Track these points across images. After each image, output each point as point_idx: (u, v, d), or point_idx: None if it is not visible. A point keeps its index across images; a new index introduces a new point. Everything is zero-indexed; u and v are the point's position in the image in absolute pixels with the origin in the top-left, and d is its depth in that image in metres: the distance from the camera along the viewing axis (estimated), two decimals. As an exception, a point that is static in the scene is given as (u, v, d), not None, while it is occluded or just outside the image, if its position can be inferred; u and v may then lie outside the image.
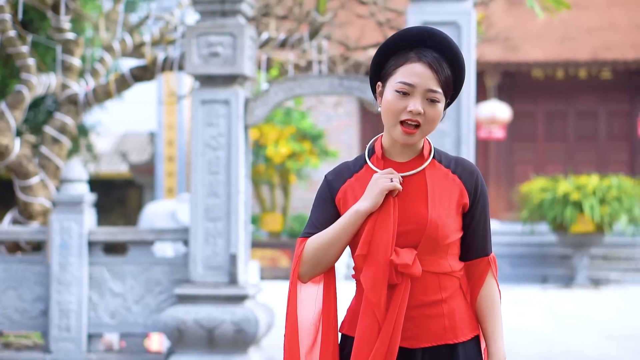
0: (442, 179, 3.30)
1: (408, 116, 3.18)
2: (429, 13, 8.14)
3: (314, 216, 3.34)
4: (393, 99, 3.20)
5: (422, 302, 3.23)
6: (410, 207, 3.23)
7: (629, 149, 21.49)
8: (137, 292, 8.75)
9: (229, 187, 8.48)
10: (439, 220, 3.22)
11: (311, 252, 3.27)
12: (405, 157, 3.30)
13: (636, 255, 19.12)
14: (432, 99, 3.19)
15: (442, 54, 3.22)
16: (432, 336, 3.25)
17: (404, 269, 3.18)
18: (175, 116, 20.48)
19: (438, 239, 3.23)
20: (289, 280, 3.35)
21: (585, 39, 20.56)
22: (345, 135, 21.09)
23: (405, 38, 3.25)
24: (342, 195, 3.31)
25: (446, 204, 3.26)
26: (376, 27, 11.81)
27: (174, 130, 20.55)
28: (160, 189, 20.67)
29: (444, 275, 3.27)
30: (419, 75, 3.18)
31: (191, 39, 8.47)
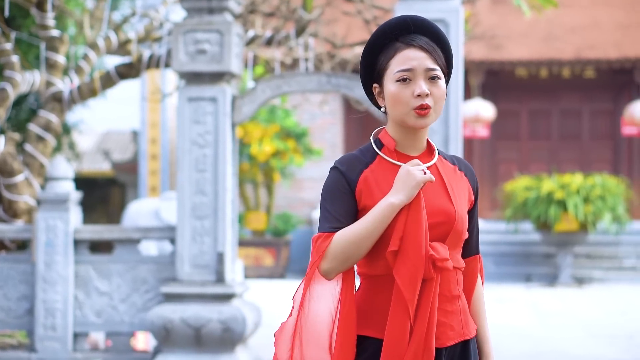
0: (452, 175, 3.29)
1: (418, 101, 3.14)
2: (417, 10, 8.11)
3: (334, 209, 3.18)
4: (397, 89, 3.16)
5: (446, 298, 3.20)
6: (435, 200, 3.19)
7: (612, 148, 21.54)
8: (123, 291, 8.70)
9: (216, 185, 8.44)
10: (463, 214, 3.23)
11: (342, 246, 3.14)
12: (416, 151, 3.27)
13: (619, 253, 19.17)
14: (433, 76, 3.16)
15: (427, 36, 3.20)
16: (455, 334, 3.23)
17: (442, 263, 3.13)
18: (159, 114, 20.41)
19: (462, 234, 3.24)
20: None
21: (569, 38, 20.59)
22: (329, 133, 21.06)
23: (387, 30, 3.23)
24: (363, 187, 3.19)
25: (462, 199, 3.27)
26: (363, 25, 11.79)
27: (158, 128, 20.47)
28: (144, 188, 20.59)
29: (459, 270, 3.27)
30: (414, 59, 3.15)
31: (178, 36, 8.42)
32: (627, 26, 20.78)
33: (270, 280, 18.41)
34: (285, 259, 19.42)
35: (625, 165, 21.30)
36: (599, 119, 21.57)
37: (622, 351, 10.63)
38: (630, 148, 21.24)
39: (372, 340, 3.20)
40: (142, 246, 10.98)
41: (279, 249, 19.30)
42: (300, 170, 20.43)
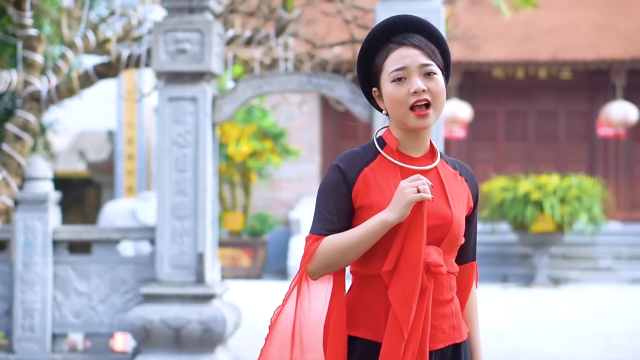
0: (452, 179, 3.27)
1: (414, 98, 3.12)
2: (399, 10, 8.09)
3: (327, 209, 3.17)
4: (393, 89, 3.14)
5: (438, 302, 3.19)
6: (434, 203, 3.15)
7: (588, 149, 21.63)
8: (102, 292, 8.65)
9: (196, 185, 8.40)
10: (461, 219, 3.21)
11: (329, 253, 3.13)
12: (418, 153, 3.24)
13: (595, 254, 19.26)
14: (428, 72, 3.14)
15: (420, 33, 3.20)
16: (445, 337, 3.22)
17: (436, 268, 3.12)
18: (136, 114, 20.33)
19: (458, 238, 3.21)
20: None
21: (545, 39, 20.65)
22: (306, 134, 21.04)
23: (378, 33, 3.23)
24: (361, 186, 3.17)
25: (461, 204, 3.25)
26: (343, 25, 11.78)
27: (134, 128, 20.38)
28: (120, 188, 20.50)
29: (453, 275, 3.25)
30: (406, 57, 3.14)
31: (158, 35, 8.38)
32: (603, 27, 20.87)
33: (247, 281, 18.38)
34: (262, 259, 19.39)
35: (601, 166, 21.39)
36: (575, 120, 21.64)
37: (600, 351, 10.66)
38: (606, 149, 21.33)
39: (362, 341, 3.19)
40: (119, 246, 10.94)
41: (255, 249, 19.26)
42: (277, 171, 20.40)
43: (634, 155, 21.39)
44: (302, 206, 20.31)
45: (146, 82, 19.31)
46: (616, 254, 19.25)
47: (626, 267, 18.95)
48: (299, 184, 21.06)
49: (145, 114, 20.34)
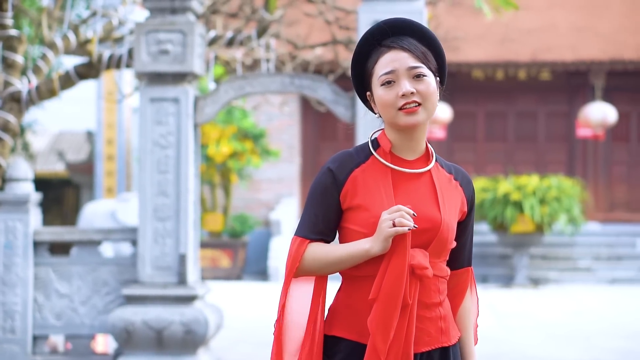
0: (446, 183, 3.27)
1: (403, 101, 3.13)
2: (381, 12, 8.12)
3: (314, 212, 3.22)
4: (382, 93, 3.16)
5: (424, 304, 3.19)
6: (423, 206, 3.17)
7: (567, 150, 21.70)
8: (83, 293, 8.61)
9: (178, 187, 8.38)
10: (450, 223, 3.21)
11: (310, 263, 3.20)
12: (412, 155, 3.24)
13: (574, 254, 19.33)
14: (417, 74, 3.14)
15: (410, 35, 3.20)
16: (431, 340, 3.22)
17: (421, 270, 3.12)
18: (115, 115, 20.29)
19: (447, 242, 3.21)
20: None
21: (525, 40, 20.71)
22: (286, 134, 21.03)
23: (369, 37, 3.23)
24: (350, 187, 3.20)
25: (453, 208, 3.25)
26: (324, 26, 11.78)
27: (114, 129, 20.35)
28: (100, 189, 20.45)
29: (442, 278, 3.25)
30: (394, 60, 3.15)
31: (140, 36, 8.36)
32: (583, 29, 20.95)
33: (227, 282, 18.35)
34: (242, 260, 19.37)
35: (580, 166, 21.48)
36: (554, 121, 21.72)
37: (580, 352, 10.70)
38: (585, 150, 21.42)
39: (347, 342, 3.20)
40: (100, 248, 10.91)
41: (235, 250, 19.24)
42: (257, 172, 20.39)
43: (612, 156, 21.48)
44: (282, 207, 20.30)
45: (126, 83, 19.27)
46: (595, 254, 19.33)
47: (605, 268, 19.03)
48: (279, 185, 21.05)
49: (125, 114, 20.30)
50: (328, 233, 3.24)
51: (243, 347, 10.66)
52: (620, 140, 21.42)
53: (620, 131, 21.15)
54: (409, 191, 3.20)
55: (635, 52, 20.21)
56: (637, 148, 21.47)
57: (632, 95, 21.30)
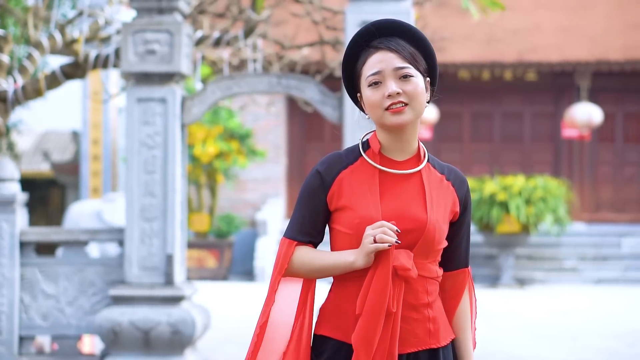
0: (437, 184, 3.26)
1: (389, 101, 3.14)
2: (368, 12, 8.12)
3: (302, 214, 3.26)
4: (370, 93, 3.18)
5: (411, 305, 3.19)
6: (409, 207, 3.18)
7: (553, 150, 21.75)
8: (70, 294, 8.59)
9: (165, 187, 8.37)
10: (437, 223, 3.19)
11: (297, 267, 3.25)
12: (402, 156, 3.25)
13: (560, 255, 19.37)
14: (403, 75, 3.16)
15: (399, 36, 3.21)
16: (418, 341, 3.22)
17: (403, 272, 3.13)
18: (101, 115, 20.23)
19: (434, 243, 3.20)
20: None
21: (510, 40, 20.75)
22: (272, 135, 21.02)
23: (358, 39, 3.25)
24: (337, 188, 3.23)
25: (442, 209, 3.24)
26: (311, 26, 11.78)
27: (100, 129, 20.29)
28: (85, 189, 20.40)
29: (430, 279, 3.24)
30: (381, 61, 3.17)
31: (127, 36, 8.34)
32: (568, 29, 20.99)
33: (213, 282, 18.33)
34: (228, 260, 19.35)
35: (566, 167, 21.52)
36: (540, 122, 21.76)
37: (566, 352, 10.73)
38: (571, 150, 21.47)
39: (333, 341, 3.23)
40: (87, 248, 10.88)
41: (222, 250, 19.22)
42: (243, 172, 20.37)
43: (598, 156, 21.54)
44: (268, 207, 20.28)
45: (112, 83, 19.22)
46: (581, 254, 19.38)
47: (591, 268, 19.08)
48: (266, 185, 21.04)
49: (111, 114, 20.26)
50: (315, 235, 3.28)
51: (230, 347, 10.65)
52: (606, 140, 21.48)
53: (605, 132, 21.21)
54: (396, 192, 3.21)
55: (621, 53, 20.27)
56: (622, 148, 21.53)
57: (617, 95, 21.36)
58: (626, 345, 11.21)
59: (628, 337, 11.83)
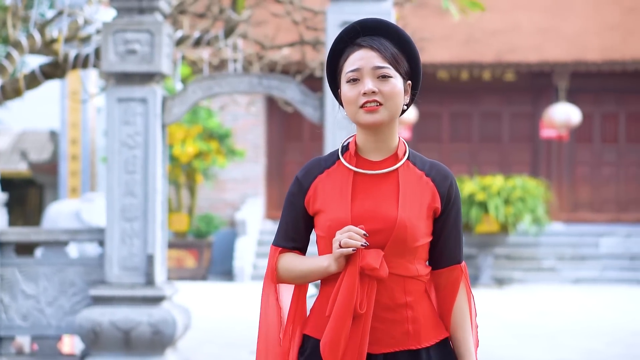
0: (415, 181, 3.24)
1: (364, 99, 3.16)
2: (349, 13, 8.13)
3: (285, 221, 3.33)
4: (347, 89, 3.20)
5: (386, 305, 3.18)
6: (380, 207, 3.18)
7: (531, 150, 21.82)
8: (50, 294, 8.56)
9: (146, 187, 8.35)
10: (409, 221, 3.17)
11: (283, 273, 3.31)
12: (379, 156, 3.26)
13: (538, 254, 19.45)
14: (381, 74, 3.17)
15: (384, 36, 3.22)
16: (394, 341, 3.20)
17: (370, 271, 3.12)
18: (80, 114, 20.17)
19: (407, 241, 3.17)
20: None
21: (489, 41, 20.81)
22: (251, 134, 21.01)
23: (344, 36, 3.26)
24: (312, 193, 3.27)
25: (417, 206, 3.21)
26: (292, 26, 11.77)
27: (78, 128, 20.23)
28: (64, 189, 20.33)
29: (410, 279, 3.22)
30: (362, 59, 3.19)
31: (107, 36, 8.32)
32: (547, 30, 21.07)
33: (193, 282, 18.31)
34: (207, 260, 19.33)
35: (544, 167, 21.61)
36: (518, 122, 21.84)
37: (545, 352, 10.77)
38: (549, 150, 21.55)
39: (313, 340, 3.25)
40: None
41: (201, 250, 19.20)
42: (222, 172, 20.36)
43: (576, 156, 21.64)
44: (247, 207, 20.27)
45: (91, 82, 19.17)
46: (559, 254, 19.47)
47: (569, 268, 19.17)
48: (245, 185, 21.03)
49: (90, 114, 20.20)
50: (299, 240, 3.33)
51: (210, 347, 10.64)
52: (584, 141, 21.57)
53: (583, 132, 21.31)
54: (369, 192, 3.21)
55: (599, 54, 20.37)
56: (600, 149, 21.64)
57: (595, 96, 21.46)
58: (605, 344, 11.27)
59: (606, 336, 11.89)
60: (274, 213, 21.35)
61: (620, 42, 20.54)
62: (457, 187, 3.32)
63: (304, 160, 21.47)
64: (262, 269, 19.16)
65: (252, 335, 11.62)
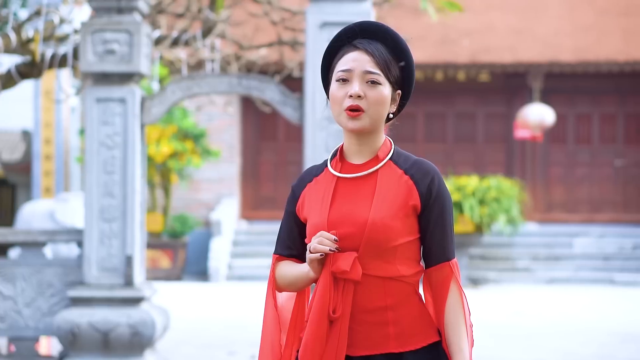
0: (394, 181, 3.22)
1: (349, 102, 3.16)
2: (329, 13, 8.13)
3: (282, 229, 3.38)
4: (335, 88, 3.22)
5: (364, 308, 3.16)
6: (353, 210, 3.17)
7: (505, 151, 21.88)
8: (28, 295, 8.51)
9: (124, 187, 8.33)
10: (381, 222, 3.14)
11: (280, 281, 3.34)
12: (361, 159, 3.26)
13: (513, 255, 19.51)
14: (371, 80, 3.17)
15: (380, 41, 3.23)
16: (373, 344, 3.17)
17: (342, 275, 3.12)
18: (53, 114, 20.06)
19: (381, 242, 3.14)
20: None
21: (463, 41, 20.85)
22: (226, 134, 20.96)
23: (343, 35, 3.27)
24: (302, 201, 3.31)
25: (393, 205, 3.17)
26: (270, 27, 11.75)
27: (52, 128, 20.11)
28: (37, 189, 20.21)
29: (390, 280, 3.17)
30: (354, 60, 3.19)
31: (86, 35, 8.29)
32: (521, 31, 21.15)
33: (167, 283, 18.24)
34: (182, 260, 19.28)
35: (518, 167, 21.67)
36: (493, 122, 21.89)
37: (522, 352, 10.80)
38: (523, 151, 21.62)
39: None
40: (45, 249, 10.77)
41: (175, 250, 19.15)
42: (197, 172, 20.30)
43: (550, 157, 21.72)
44: (222, 207, 20.23)
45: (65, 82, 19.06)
46: (533, 254, 19.54)
47: (543, 268, 19.25)
48: (219, 185, 20.98)
49: (64, 113, 20.09)
50: (294, 247, 3.35)
51: (187, 348, 10.61)
52: (558, 141, 21.65)
53: (557, 133, 21.38)
54: (349, 196, 3.21)
55: (572, 55, 20.46)
56: (574, 149, 21.73)
57: (569, 97, 21.55)
58: (580, 344, 11.32)
59: (581, 336, 11.95)
60: (249, 213, 21.32)
61: (594, 43, 20.64)
62: (442, 184, 3.24)
63: (278, 160, 21.46)
64: (237, 269, 19.15)
65: (228, 335, 11.64)
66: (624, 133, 21.50)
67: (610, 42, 20.67)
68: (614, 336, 11.99)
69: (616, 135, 21.56)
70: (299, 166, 21.17)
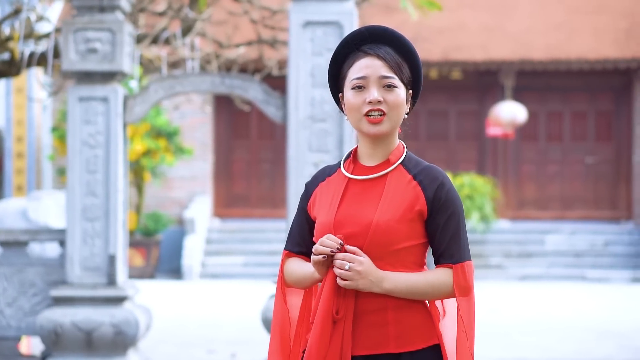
0: (402, 185, 3.26)
1: (369, 107, 3.21)
2: (311, 12, 8.13)
3: (293, 226, 3.41)
4: (351, 96, 3.24)
5: (366, 309, 3.21)
6: (360, 210, 3.22)
7: (478, 148, 21.97)
8: (9, 295, 8.47)
9: (107, 187, 8.31)
10: (385, 224, 3.18)
11: (288, 277, 3.38)
12: (373, 161, 3.31)
13: (486, 252, 19.61)
14: (387, 84, 3.22)
15: (388, 44, 3.27)
16: (372, 344, 3.21)
17: None
18: (25, 112, 19.94)
19: (384, 244, 3.19)
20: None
21: (436, 39, 20.87)
22: (199, 132, 20.92)
23: (350, 40, 3.30)
24: (313, 200, 3.35)
25: (398, 208, 3.22)
26: (250, 25, 11.73)
27: (24, 126, 19.99)
28: (9, 187, 20.09)
29: None
30: (368, 67, 3.23)
31: (68, 34, 8.26)
32: (492, 29, 21.23)
33: (141, 281, 18.18)
34: (156, 258, 19.24)
35: (490, 165, 21.76)
36: (465, 120, 21.97)
37: (502, 349, 10.87)
38: (495, 148, 21.71)
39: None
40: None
41: (149, 248, 19.10)
42: (170, 169, 20.24)
43: (522, 154, 21.83)
44: (195, 205, 20.20)
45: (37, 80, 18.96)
46: (506, 251, 19.65)
47: (515, 265, 19.36)
48: (193, 183, 20.94)
49: (36, 111, 19.98)
50: (304, 245, 3.38)
51: (165, 347, 10.59)
52: (530, 139, 21.75)
53: (529, 130, 21.48)
54: (357, 197, 3.25)
55: (544, 53, 20.57)
56: (545, 147, 21.85)
57: (540, 94, 21.66)
58: (557, 341, 11.41)
59: (558, 333, 12.04)
60: (222, 211, 21.29)
61: (565, 41, 20.76)
62: (451, 190, 3.28)
63: (251, 158, 21.44)
64: (210, 267, 19.14)
65: (206, 334, 11.63)
66: (594, 130, 21.64)
67: (581, 40, 20.80)
68: (590, 332, 12.09)
69: (587, 133, 21.69)
70: (272, 164, 21.18)
